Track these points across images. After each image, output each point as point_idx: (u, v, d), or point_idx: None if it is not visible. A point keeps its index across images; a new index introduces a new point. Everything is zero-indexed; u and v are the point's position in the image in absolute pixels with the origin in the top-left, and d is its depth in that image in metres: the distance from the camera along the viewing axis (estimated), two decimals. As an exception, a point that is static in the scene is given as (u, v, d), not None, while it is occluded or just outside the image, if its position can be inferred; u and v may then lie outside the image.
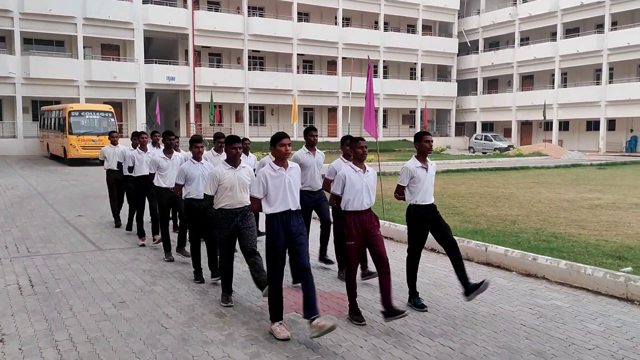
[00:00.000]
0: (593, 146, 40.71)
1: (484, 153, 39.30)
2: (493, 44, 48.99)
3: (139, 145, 8.83)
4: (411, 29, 47.23)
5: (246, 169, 5.58)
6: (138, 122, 33.93)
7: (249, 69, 38.89)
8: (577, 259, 6.78)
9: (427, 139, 5.44)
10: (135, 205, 8.90)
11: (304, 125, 41.34)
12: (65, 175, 19.82)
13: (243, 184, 5.45)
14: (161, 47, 38.31)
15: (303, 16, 41.79)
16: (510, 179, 19.13)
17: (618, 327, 4.99)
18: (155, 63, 35.35)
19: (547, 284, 6.36)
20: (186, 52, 37.33)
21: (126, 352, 4.36)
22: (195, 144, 6.50)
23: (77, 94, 32.26)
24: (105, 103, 29.34)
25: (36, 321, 5.02)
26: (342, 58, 41.76)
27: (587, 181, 18.04)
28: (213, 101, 33.93)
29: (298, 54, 40.52)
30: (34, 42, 33.02)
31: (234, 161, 5.47)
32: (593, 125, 41.77)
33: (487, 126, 48.80)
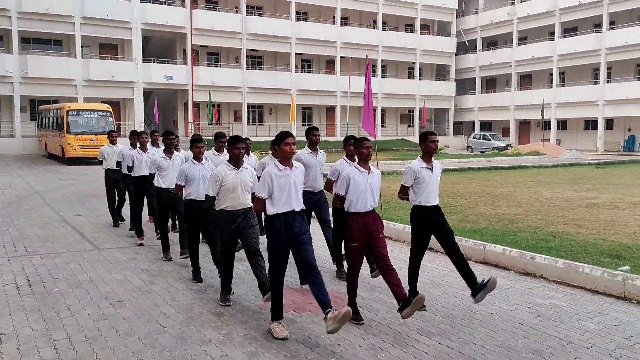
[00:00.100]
0: (591, 145, 40.78)
1: (482, 152, 39.34)
2: (491, 44, 49.05)
3: (138, 145, 8.79)
4: (409, 28, 47.23)
5: (249, 171, 5.52)
6: (136, 122, 33.88)
7: (248, 68, 38.86)
8: (575, 258, 6.78)
9: (432, 139, 5.31)
10: (137, 206, 8.79)
11: (303, 125, 41.38)
12: (63, 175, 19.80)
13: (245, 185, 5.39)
14: (159, 47, 38.28)
15: (301, 15, 41.77)
16: (508, 178, 19.16)
17: (616, 326, 5.00)
18: (154, 62, 35.31)
19: (545, 282, 6.37)
20: (184, 51, 37.30)
21: (124, 351, 4.35)
22: (196, 144, 6.41)
23: (75, 93, 32.21)
24: (103, 102, 29.29)
25: (34, 320, 5.01)
26: (341, 57, 41.74)
27: (585, 180, 18.07)
28: (211, 100, 33.90)
29: (296, 53, 40.50)
30: (32, 41, 32.96)
31: (236, 162, 5.40)
32: (591, 125, 41.84)
33: (486, 125, 48.84)
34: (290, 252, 4.85)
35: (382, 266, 4.96)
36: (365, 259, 6.35)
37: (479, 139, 41.76)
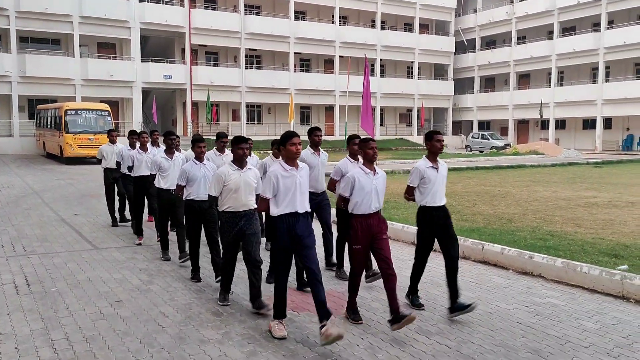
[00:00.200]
0: (589, 145, 40.82)
1: (480, 152, 39.38)
2: (490, 43, 49.06)
3: (138, 145, 8.74)
4: (408, 27, 47.24)
5: (253, 171, 5.42)
6: (134, 121, 33.86)
7: (246, 68, 38.83)
8: (573, 257, 6.79)
9: (438, 139, 5.23)
10: (136, 206, 8.74)
11: (301, 124, 41.39)
12: (62, 174, 19.77)
13: (249, 186, 5.30)
14: (158, 46, 38.25)
15: (300, 15, 41.74)
16: (506, 177, 19.18)
17: (614, 325, 5.00)
18: (152, 62, 35.28)
19: (544, 282, 6.38)
20: (183, 50, 37.27)
21: (122, 351, 4.35)
22: (198, 144, 6.35)
23: (74, 92, 32.16)
24: (102, 102, 29.23)
25: (32, 320, 5.01)
26: (339, 57, 41.72)
27: (584, 179, 18.09)
28: (210, 100, 33.89)
29: (295, 53, 40.48)
30: (30, 41, 32.89)
31: (240, 162, 5.31)
32: (589, 124, 41.88)
33: (484, 125, 48.86)
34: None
35: (384, 270, 4.89)
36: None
37: (478, 138, 41.81)
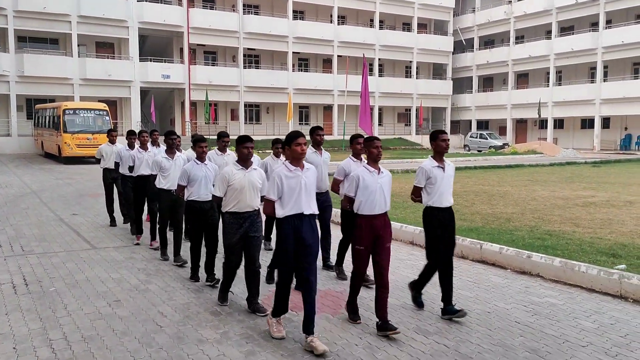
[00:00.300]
0: (587, 144, 40.89)
1: (479, 151, 39.42)
2: (488, 42, 49.07)
3: (138, 144, 8.70)
4: (407, 27, 47.25)
5: (258, 172, 5.32)
6: (133, 121, 33.83)
7: (245, 67, 38.80)
8: (572, 257, 6.80)
9: (443, 138, 5.14)
10: (136, 205, 8.69)
11: (300, 124, 41.41)
12: (60, 174, 19.74)
13: (254, 186, 5.19)
14: (156, 45, 38.19)
15: (298, 14, 41.73)
16: (505, 177, 19.19)
17: (612, 324, 5.01)
18: (150, 61, 35.23)
19: (542, 281, 6.39)
20: (181, 50, 37.23)
21: (121, 350, 4.35)
22: (199, 143, 6.27)
23: (72, 92, 32.12)
24: (100, 101, 29.18)
25: (30, 320, 5.01)
26: (338, 56, 41.72)
27: (582, 179, 18.11)
28: (208, 99, 33.86)
29: (293, 52, 40.46)
30: (28, 40, 32.83)
31: (245, 162, 5.21)
32: (588, 124, 41.93)
33: (482, 124, 48.91)
34: None
35: (377, 280, 4.83)
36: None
37: (476, 137, 41.86)
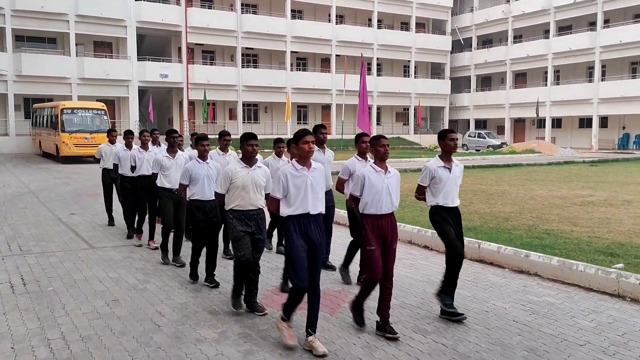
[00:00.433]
0: (585, 143, 40.94)
1: (477, 150, 39.46)
2: (486, 42, 49.12)
3: (140, 144, 8.67)
4: (405, 26, 47.26)
5: (262, 169, 5.26)
6: (131, 120, 33.81)
7: (243, 67, 38.79)
8: (570, 256, 6.81)
9: (451, 137, 5.05)
10: (135, 206, 8.61)
11: (298, 123, 41.39)
12: (58, 173, 19.72)
13: (257, 184, 5.14)
14: (154, 45, 38.13)
15: (297, 13, 41.72)
16: (503, 176, 19.21)
17: (609, 323, 5.02)
18: (148, 60, 35.19)
19: (540, 280, 6.39)
20: (179, 49, 37.19)
21: (119, 350, 4.35)
22: (201, 141, 6.20)
23: (70, 91, 32.09)
24: (98, 101, 29.15)
25: (28, 320, 5.00)
26: (336, 55, 41.71)
27: (580, 178, 18.13)
28: (206, 99, 33.83)
29: (292, 52, 40.45)
30: (26, 39, 32.78)
31: (249, 159, 5.17)
32: (585, 123, 42.00)
33: (481, 124, 48.95)
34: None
35: (382, 281, 4.73)
36: (349, 251, 6.24)
37: (474, 137, 41.89)
